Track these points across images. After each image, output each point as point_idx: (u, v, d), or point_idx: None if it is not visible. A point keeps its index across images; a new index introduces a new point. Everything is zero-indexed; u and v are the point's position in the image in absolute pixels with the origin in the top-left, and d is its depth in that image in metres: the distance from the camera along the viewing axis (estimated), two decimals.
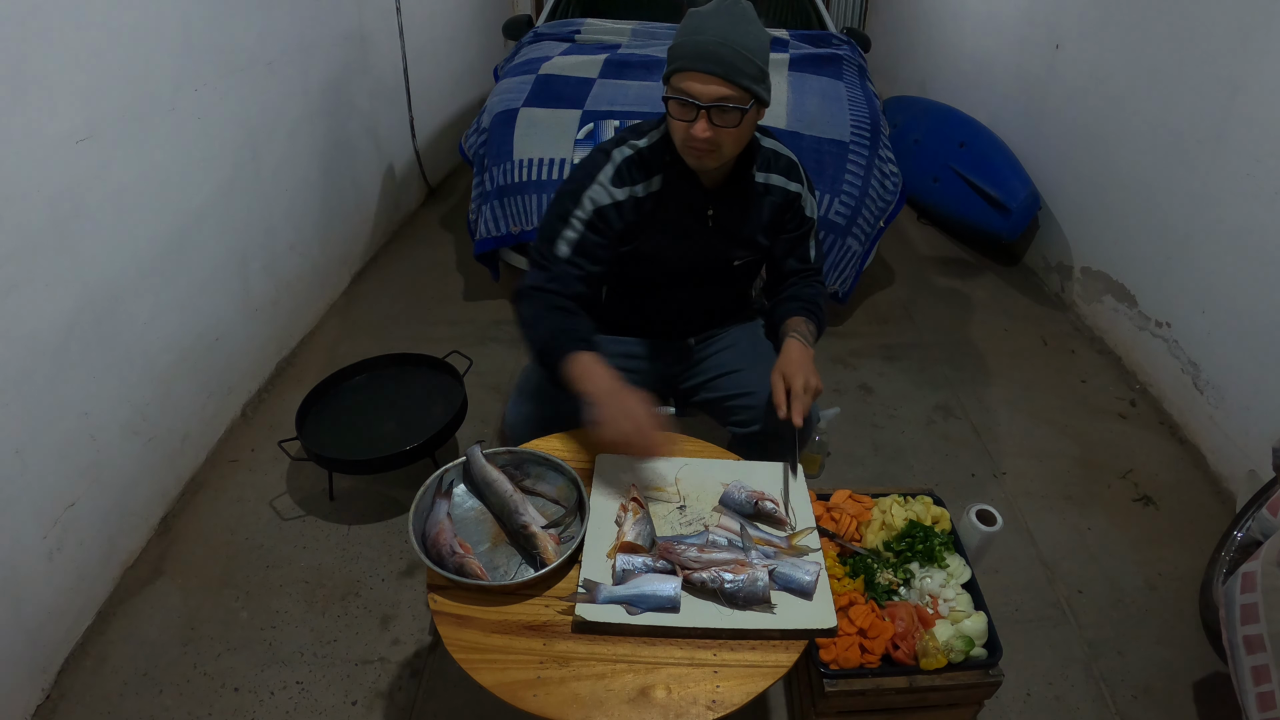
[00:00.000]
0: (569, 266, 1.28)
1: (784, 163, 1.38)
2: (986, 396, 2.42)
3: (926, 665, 1.14)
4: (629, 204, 1.30)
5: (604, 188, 1.29)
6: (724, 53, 1.13)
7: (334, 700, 1.47)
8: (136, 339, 1.72)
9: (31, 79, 1.37)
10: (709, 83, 1.14)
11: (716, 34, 1.14)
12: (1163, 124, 2.37)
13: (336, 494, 1.93)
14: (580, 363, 1.17)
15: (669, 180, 1.31)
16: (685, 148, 1.22)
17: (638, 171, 1.30)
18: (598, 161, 1.31)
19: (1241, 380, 2.05)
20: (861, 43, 3.46)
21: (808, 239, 1.45)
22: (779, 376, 1.26)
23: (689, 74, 1.15)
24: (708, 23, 1.15)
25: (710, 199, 1.33)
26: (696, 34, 1.15)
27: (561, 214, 1.29)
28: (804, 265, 1.46)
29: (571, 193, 1.30)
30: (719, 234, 1.36)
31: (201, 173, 1.94)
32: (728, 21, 1.15)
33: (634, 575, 1.00)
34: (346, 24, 2.76)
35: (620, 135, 1.35)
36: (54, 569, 1.48)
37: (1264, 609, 1.19)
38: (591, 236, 1.28)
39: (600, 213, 1.28)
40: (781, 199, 1.37)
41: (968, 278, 3.19)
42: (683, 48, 1.16)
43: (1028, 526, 1.92)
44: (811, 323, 1.39)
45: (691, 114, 1.17)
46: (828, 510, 1.35)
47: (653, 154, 1.30)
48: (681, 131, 1.20)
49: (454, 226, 3.50)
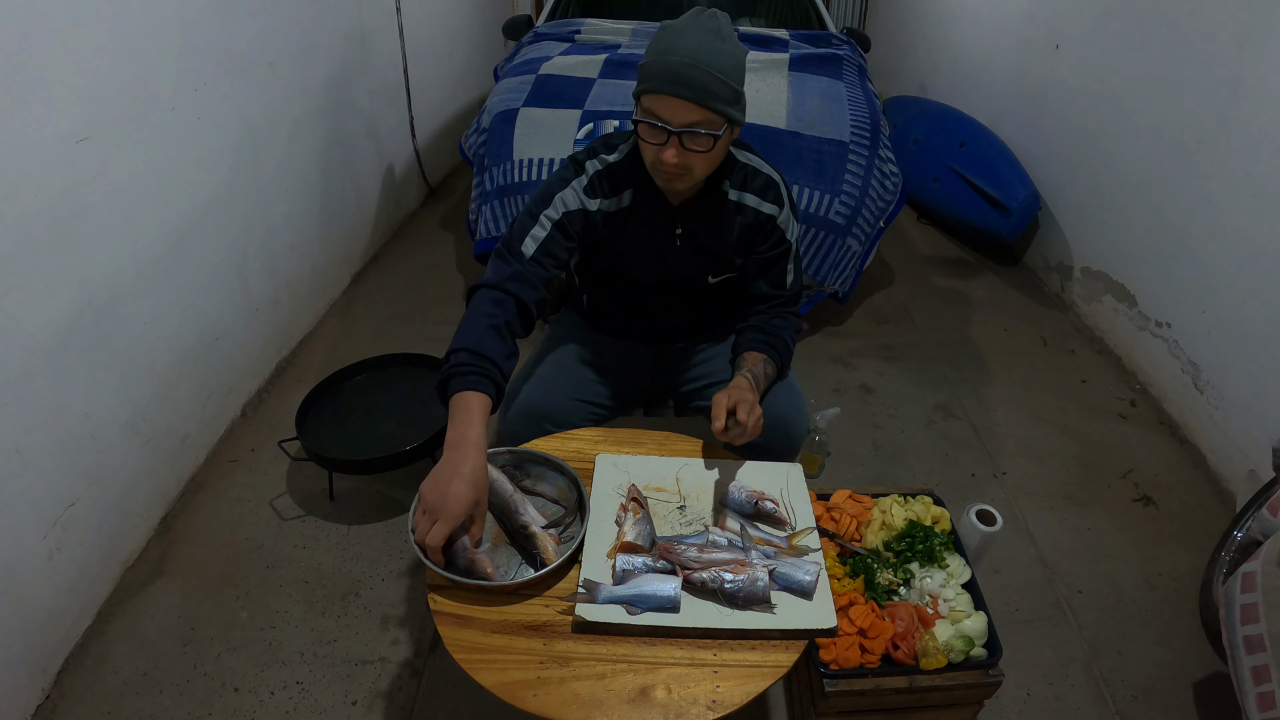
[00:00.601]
0: (532, 266, 1.22)
1: (760, 182, 1.31)
2: (986, 396, 2.42)
3: (926, 665, 1.14)
4: (599, 216, 1.28)
5: (576, 193, 1.27)
6: (695, 75, 1.08)
7: (334, 700, 1.47)
8: (136, 339, 1.72)
9: (31, 79, 1.37)
10: (680, 107, 1.10)
11: (688, 54, 1.08)
12: (1163, 124, 2.37)
13: (336, 494, 1.93)
14: (463, 404, 1.06)
15: (637, 196, 1.29)
16: (655, 170, 1.20)
17: (608, 185, 1.28)
18: (572, 170, 1.29)
19: (1241, 380, 2.05)
20: (861, 43, 3.46)
21: (784, 262, 1.36)
22: (723, 397, 1.15)
23: (659, 96, 1.10)
24: (679, 41, 1.10)
25: (678, 216, 1.30)
26: (668, 53, 1.09)
27: (531, 214, 1.26)
28: (776, 291, 1.36)
29: (543, 196, 1.27)
30: (688, 251, 1.34)
31: (201, 173, 1.94)
32: (700, 40, 1.10)
33: (634, 575, 1.00)
34: (346, 24, 2.76)
35: (591, 146, 1.32)
36: (54, 569, 1.48)
37: (1264, 609, 1.19)
38: (558, 238, 1.25)
39: (570, 216, 1.26)
40: (753, 219, 1.31)
41: (968, 278, 3.19)
42: (652, 67, 1.11)
43: (1028, 526, 1.92)
44: (771, 363, 1.30)
45: (661, 138, 1.13)
46: (828, 510, 1.34)
47: (621, 169, 1.28)
48: (651, 154, 1.17)
49: (454, 226, 3.50)
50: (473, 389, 1.07)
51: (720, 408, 1.13)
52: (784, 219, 1.33)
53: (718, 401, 1.14)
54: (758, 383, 1.25)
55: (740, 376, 1.24)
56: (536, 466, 1.19)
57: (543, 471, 1.19)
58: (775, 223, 1.32)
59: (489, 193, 2.49)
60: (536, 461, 1.19)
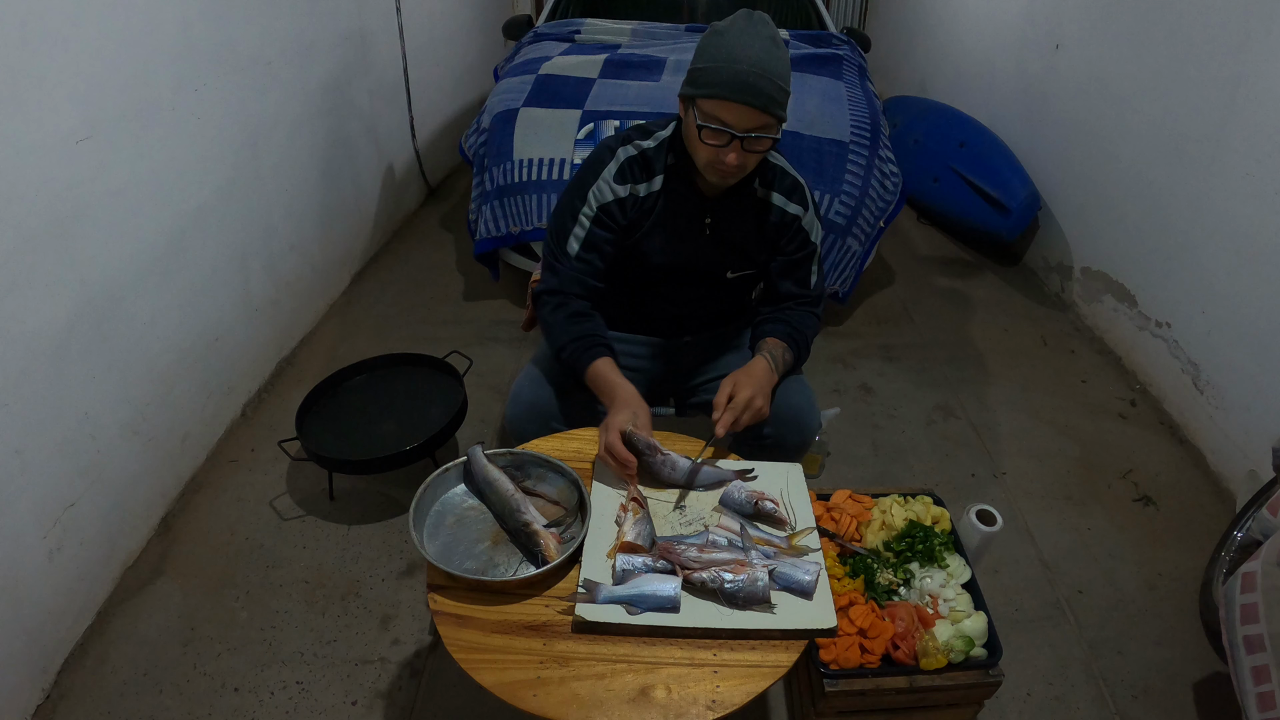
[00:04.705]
0: (579, 264, 1.31)
1: (789, 183, 1.35)
2: (986, 396, 2.42)
3: (926, 665, 1.14)
4: (630, 200, 1.32)
5: (608, 184, 1.31)
6: (763, 85, 1.12)
7: (334, 700, 1.47)
8: (136, 339, 1.72)
9: (31, 79, 1.37)
10: (746, 114, 1.14)
11: (754, 64, 1.12)
12: (1163, 124, 2.37)
13: (336, 494, 1.93)
14: (596, 372, 1.26)
15: (669, 182, 1.32)
16: (710, 168, 1.23)
17: (640, 170, 1.32)
18: (603, 158, 1.33)
19: (1241, 380, 2.05)
20: (861, 43, 3.46)
21: (809, 263, 1.40)
22: (729, 383, 1.24)
23: (724, 103, 1.14)
24: (742, 50, 1.13)
25: (708, 207, 1.33)
26: (733, 61, 1.12)
27: (571, 211, 1.32)
28: (802, 291, 1.40)
29: (578, 190, 1.32)
30: (715, 242, 1.36)
31: (201, 173, 1.94)
32: (762, 49, 1.13)
33: (634, 575, 1.00)
34: (346, 24, 2.76)
35: (626, 134, 1.35)
36: (54, 569, 1.48)
37: (1264, 609, 1.19)
38: (599, 232, 1.31)
39: (605, 209, 1.31)
40: (779, 219, 1.35)
41: (968, 278, 3.19)
42: (717, 74, 1.13)
43: (1028, 526, 1.92)
44: (791, 351, 1.35)
45: (725, 140, 1.17)
46: (828, 510, 1.34)
47: (656, 155, 1.32)
48: (710, 155, 1.20)
49: (454, 226, 3.50)
50: (593, 360, 1.26)
51: (721, 396, 1.23)
52: (809, 221, 1.37)
53: (721, 390, 1.24)
54: (776, 365, 1.31)
55: (759, 357, 1.30)
56: (537, 468, 1.20)
57: (543, 473, 1.19)
58: (800, 224, 1.36)
59: (489, 193, 2.49)
60: (537, 463, 1.20)
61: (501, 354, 2.53)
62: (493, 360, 2.47)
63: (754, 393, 1.22)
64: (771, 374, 1.29)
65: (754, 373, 1.26)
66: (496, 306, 2.82)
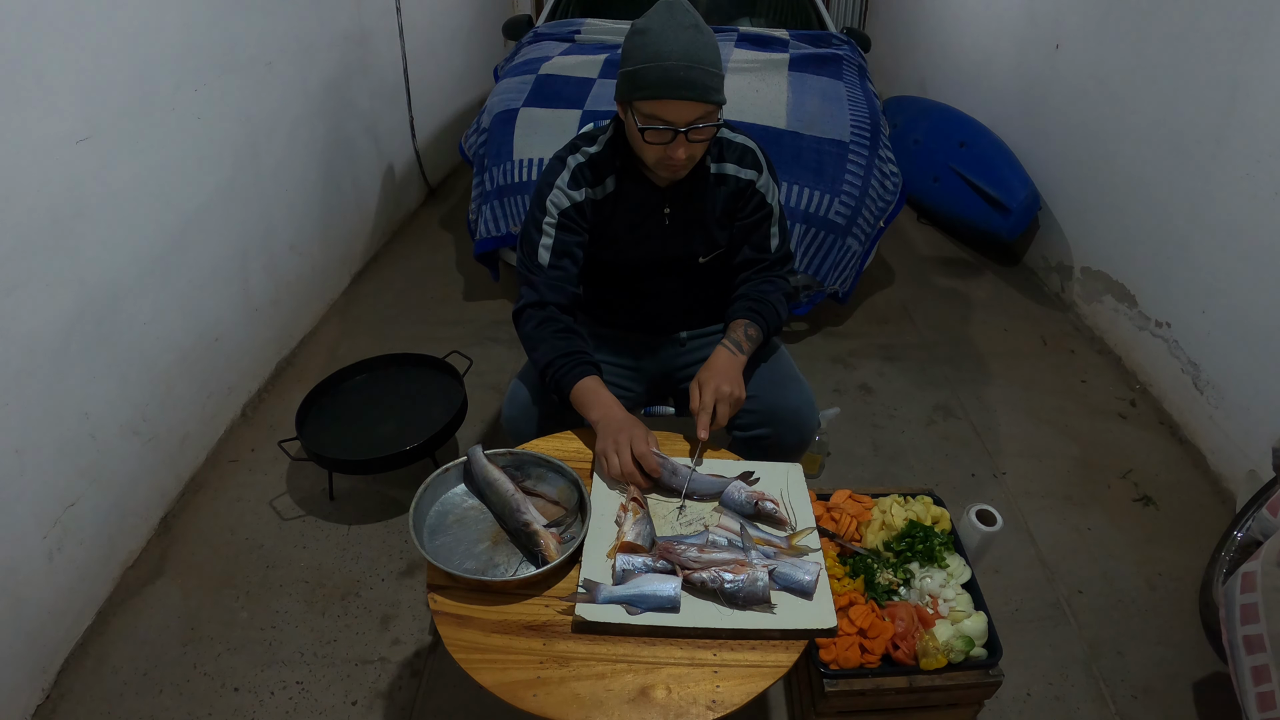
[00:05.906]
0: (553, 272, 1.31)
1: (737, 150, 1.36)
2: (986, 396, 2.42)
3: (926, 665, 1.14)
4: (587, 205, 1.33)
5: (563, 191, 1.31)
6: (695, 75, 1.13)
7: (334, 700, 1.47)
8: (136, 339, 1.72)
9: (31, 79, 1.37)
10: (684, 108, 1.15)
11: (682, 56, 1.12)
12: (1163, 124, 2.37)
13: (336, 494, 1.93)
14: (583, 390, 1.23)
15: (621, 183, 1.33)
16: (660, 166, 1.24)
17: (590, 175, 1.32)
18: (555, 169, 1.34)
19: (1241, 380, 2.05)
20: (861, 43, 3.46)
21: (766, 225, 1.39)
22: (695, 385, 1.25)
23: (663, 102, 1.14)
24: (667, 45, 1.13)
25: (665, 197, 1.34)
26: (661, 59, 1.13)
27: (535, 224, 1.33)
28: (760, 255, 1.40)
29: (538, 203, 1.33)
30: (677, 230, 1.37)
31: (201, 173, 1.94)
32: (689, 39, 1.13)
33: (634, 575, 1.00)
34: (346, 24, 2.76)
35: (573, 143, 1.36)
36: (54, 569, 1.48)
37: (1264, 609, 1.19)
38: (565, 236, 1.31)
39: (566, 213, 1.31)
40: (734, 187, 1.35)
41: (968, 278, 3.19)
42: (649, 74, 1.14)
43: (1028, 526, 1.92)
44: (755, 325, 1.34)
45: (669, 138, 1.17)
46: (828, 510, 1.34)
47: (603, 159, 1.32)
48: (657, 154, 1.21)
49: (454, 226, 3.50)
50: (580, 377, 1.24)
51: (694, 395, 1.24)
52: (763, 183, 1.37)
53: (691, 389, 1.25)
54: (739, 348, 1.31)
55: (719, 347, 1.30)
56: (537, 468, 1.19)
57: (543, 473, 1.19)
58: (755, 186, 1.36)
59: (489, 193, 2.49)
60: (537, 463, 1.19)
61: (501, 354, 2.53)
62: (493, 360, 2.47)
63: (720, 382, 1.22)
64: (734, 357, 1.29)
65: (715, 365, 1.27)
66: (496, 306, 2.82)
